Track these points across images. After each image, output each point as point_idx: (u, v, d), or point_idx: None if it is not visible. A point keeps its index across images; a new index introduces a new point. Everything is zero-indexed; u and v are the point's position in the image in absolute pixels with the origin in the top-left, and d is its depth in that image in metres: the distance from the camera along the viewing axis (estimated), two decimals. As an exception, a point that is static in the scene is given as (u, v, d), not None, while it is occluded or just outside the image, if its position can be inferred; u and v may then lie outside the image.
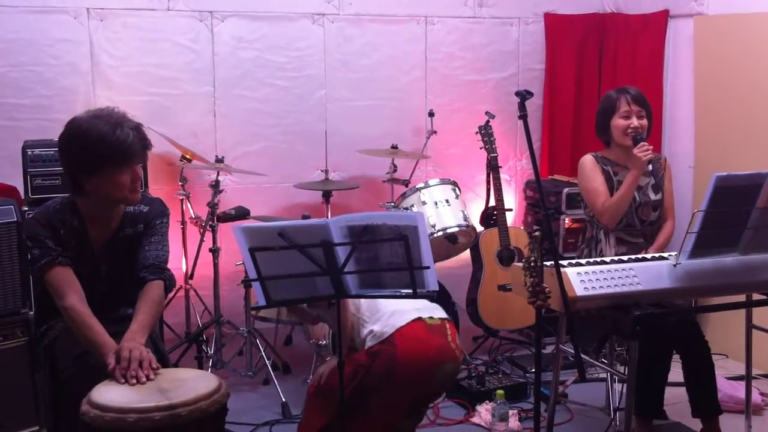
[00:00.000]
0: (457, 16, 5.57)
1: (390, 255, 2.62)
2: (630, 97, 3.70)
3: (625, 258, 3.17)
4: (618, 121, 3.71)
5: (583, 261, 3.15)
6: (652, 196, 3.73)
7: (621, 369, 3.60)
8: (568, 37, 5.75)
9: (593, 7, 5.83)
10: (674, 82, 5.35)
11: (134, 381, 2.51)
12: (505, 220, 4.72)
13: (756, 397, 4.02)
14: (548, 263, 2.83)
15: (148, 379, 2.53)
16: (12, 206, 3.56)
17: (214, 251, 4.51)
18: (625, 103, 3.69)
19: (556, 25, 5.74)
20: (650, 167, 3.64)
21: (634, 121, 3.67)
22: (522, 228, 5.17)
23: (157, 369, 2.59)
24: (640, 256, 3.23)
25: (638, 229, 3.72)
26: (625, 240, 3.71)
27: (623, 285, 2.91)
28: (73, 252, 2.86)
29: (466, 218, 4.44)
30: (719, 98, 4.88)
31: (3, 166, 4.52)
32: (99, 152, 2.76)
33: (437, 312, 3.24)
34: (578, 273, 2.91)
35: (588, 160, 3.79)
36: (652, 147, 3.65)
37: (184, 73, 5.02)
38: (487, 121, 4.80)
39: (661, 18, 5.35)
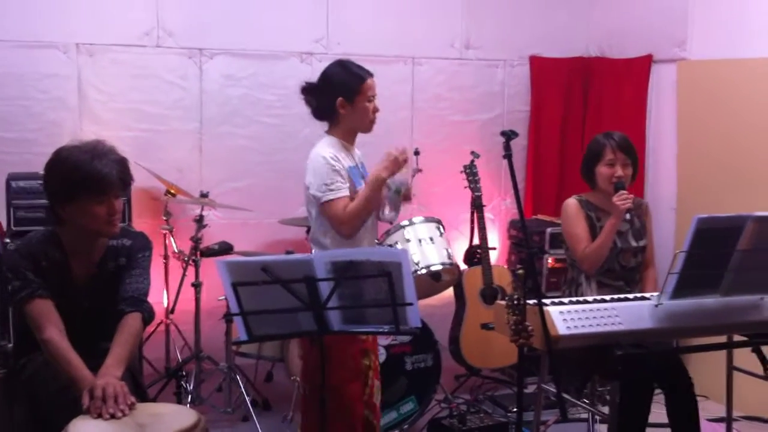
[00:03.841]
0: (444, 57, 5.63)
1: (373, 291, 2.61)
2: (615, 144, 3.68)
3: (607, 298, 3.17)
4: (602, 169, 3.70)
5: (565, 300, 3.15)
6: (633, 243, 3.73)
7: (603, 409, 3.59)
8: (553, 80, 5.82)
9: (578, 50, 5.91)
10: (657, 126, 5.41)
11: (109, 417, 2.49)
12: (489, 259, 4.73)
13: (737, 439, 4.01)
14: (531, 302, 2.84)
15: (124, 414, 2.51)
16: (-6, 238, 3.54)
17: (197, 286, 4.49)
18: (610, 151, 3.68)
19: (541, 67, 5.81)
20: (628, 216, 3.64)
21: (618, 170, 3.67)
22: (505, 267, 5.18)
23: (132, 404, 2.56)
24: (622, 296, 3.24)
25: (618, 274, 3.72)
26: (605, 284, 3.71)
27: (605, 324, 2.92)
28: (54, 285, 2.84)
29: (449, 256, 4.44)
30: (702, 142, 4.95)
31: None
32: (74, 180, 2.77)
33: None
34: (561, 312, 2.91)
35: (572, 205, 3.77)
36: (632, 196, 3.65)
37: (172, 110, 5.04)
38: (472, 161, 4.83)
39: (645, 63, 5.43)
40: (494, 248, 5.15)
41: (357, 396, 3.19)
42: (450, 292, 4.80)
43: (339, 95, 3.25)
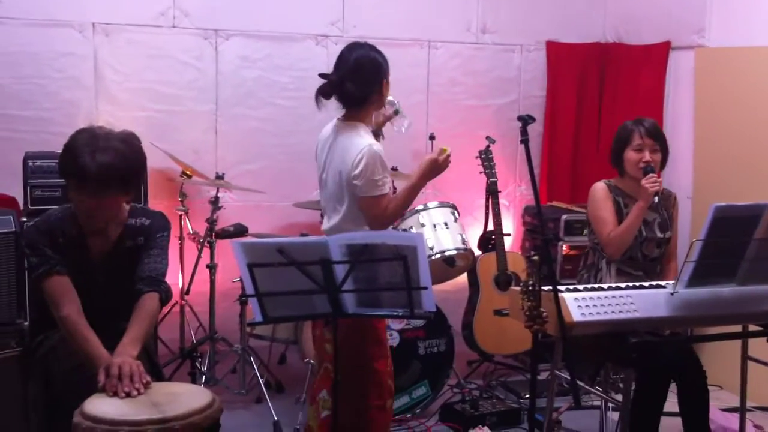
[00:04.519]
0: (460, 41, 5.61)
1: (388, 275, 2.62)
2: (644, 130, 3.67)
3: (622, 285, 3.17)
4: (630, 154, 3.69)
5: (580, 287, 3.15)
6: (658, 233, 3.70)
7: (616, 397, 3.59)
8: (569, 66, 5.79)
9: (595, 36, 5.87)
10: (674, 113, 5.37)
11: (124, 395, 2.50)
12: (503, 245, 4.73)
13: (750, 429, 3.99)
14: (546, 288, 2.84)
15: (139, 393, 2.52)
16: (11, 216, 3.55)
17: (212, 267, 4.50)
18: (638, 137, 3.67)
19: (557, 53, 5.78)
20: (656, 199, 3.63)
21: (647, 155, 3.65)
22: (519, 253, 5.17)
23: (147, 383, 2.58)
24: (637, 283, 3.23)
25: (639, 263, 3.70)
26: (625, 271, 3.69)
27: (620, 312, 2.92)
28: (71, 262, 2.85)
29: (464, 241, 4.43)
30: (719, 130, 4.91)
31: (2, 177, 4.51)
32: (63, 166, 2.77)
33: None
34: (576, 298, 2.91)
35: (600, 188, 3.75)
36: (661, 180, 3.64)
37: (187, 91, 5.04)
38: (488, 146, 4.81)
39: (663, 49, 5.38)
40: (509, 234, 5.14)
41: (385, 370, 3.25)
42: (464, 277, 4.80)
43: (383, 77, 3.26)
